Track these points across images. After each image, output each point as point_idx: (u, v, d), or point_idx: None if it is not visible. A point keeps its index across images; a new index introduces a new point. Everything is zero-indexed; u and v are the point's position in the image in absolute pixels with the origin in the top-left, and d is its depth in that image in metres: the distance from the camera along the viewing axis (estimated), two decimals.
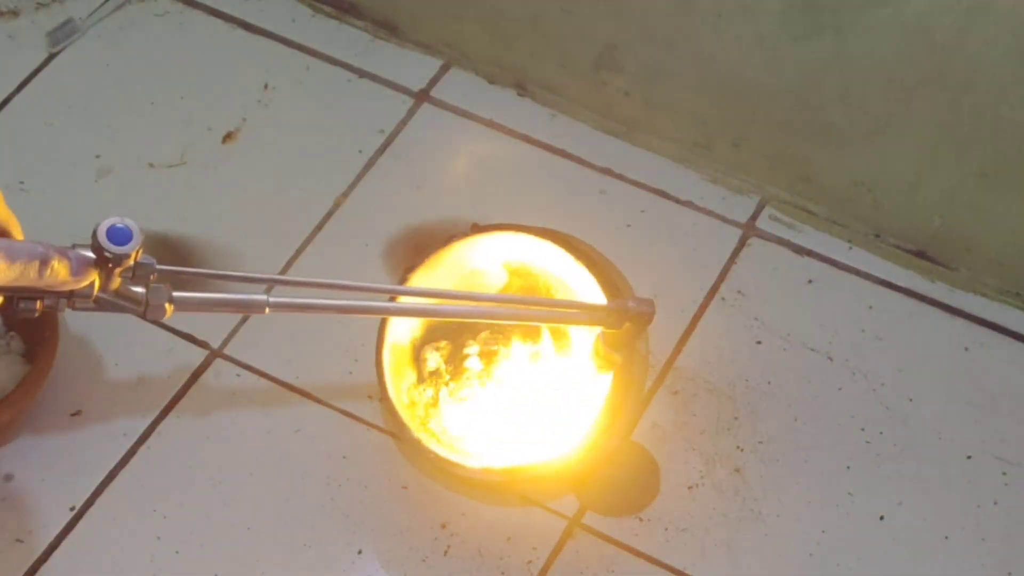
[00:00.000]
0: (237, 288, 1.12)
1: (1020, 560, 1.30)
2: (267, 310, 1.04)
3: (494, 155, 1.57)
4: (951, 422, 1.38)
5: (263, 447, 1.37)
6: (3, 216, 0.94)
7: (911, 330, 1.45)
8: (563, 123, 1.59)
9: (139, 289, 0.99)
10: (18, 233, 0.95)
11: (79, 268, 0.93)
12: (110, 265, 0.93)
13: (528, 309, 1.17)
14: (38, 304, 0.94)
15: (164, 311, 1.00)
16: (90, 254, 0.93)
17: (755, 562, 1.30)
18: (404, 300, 1.20)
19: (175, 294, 1.00)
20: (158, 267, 0.97)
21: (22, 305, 0.94)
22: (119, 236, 0.93)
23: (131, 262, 0.94)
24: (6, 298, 0.94)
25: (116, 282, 0.96)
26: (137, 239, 0.93)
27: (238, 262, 1.48)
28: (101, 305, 0.97)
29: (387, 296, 1.19)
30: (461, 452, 1.27)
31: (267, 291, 1.11)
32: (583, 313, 1.17)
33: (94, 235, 0.93)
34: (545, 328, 1.30)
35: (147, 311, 0.99)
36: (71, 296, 0.95)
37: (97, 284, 0.94)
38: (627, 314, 1.15)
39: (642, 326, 1.16)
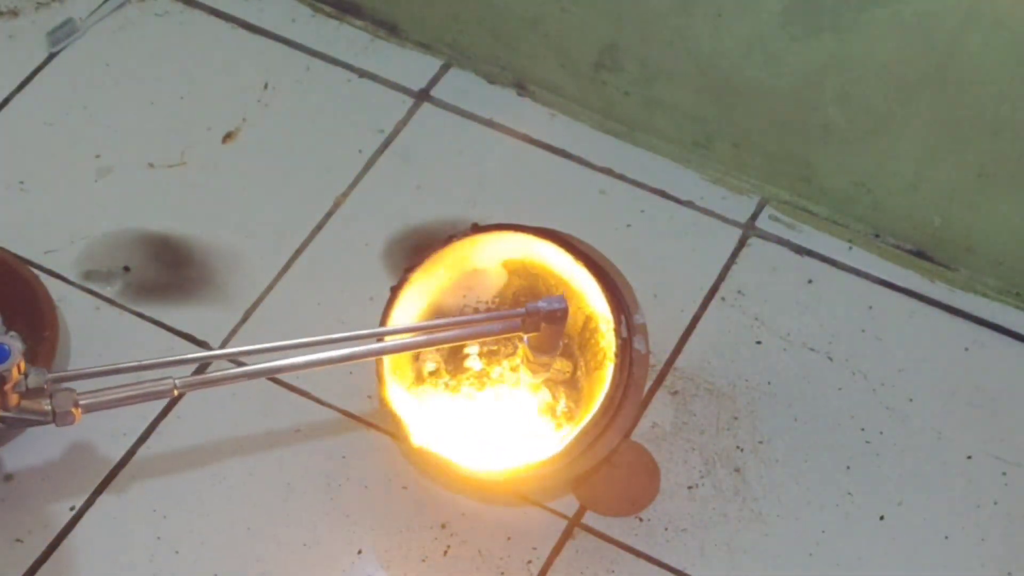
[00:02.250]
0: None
1: (1020, 560, 1.30)
2: (175, 392, 1.05)
3: (494, 155, 1.57)
4: (951, 422, 1.38)
5: (263, 447, 1.37)
6: None
7: (911, 330, 1.45)
8: (563, 123, 1.59)
9: (44, 399, 1.00)
10: None
11: None
12: None
13: (445, 332, 1.17)
14: None
15: (72, 416, 1.02)
16: None
17: (755, 562, 1.30)
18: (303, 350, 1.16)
19: (81, 399, 1.01)
20: (49, 375, 0.99)
21: None
22: None
23: (17, 377, 0.96)
24: None
25: (14, 399, 0.98)
26: (15, 355, 0.95)
27: (238, 262, 1.48)
28: (9, 423, 0.99)
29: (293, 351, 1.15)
30: (461, 452, 1.26)
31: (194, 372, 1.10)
32: (500, 324, 1.17)
33: None
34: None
35: (56, 419, 1.01)
36: None
37: None
38: (540, 315, 1.15)
39: (559, 324, 1.17)
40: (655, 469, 1.34)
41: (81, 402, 1.02)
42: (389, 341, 1.15)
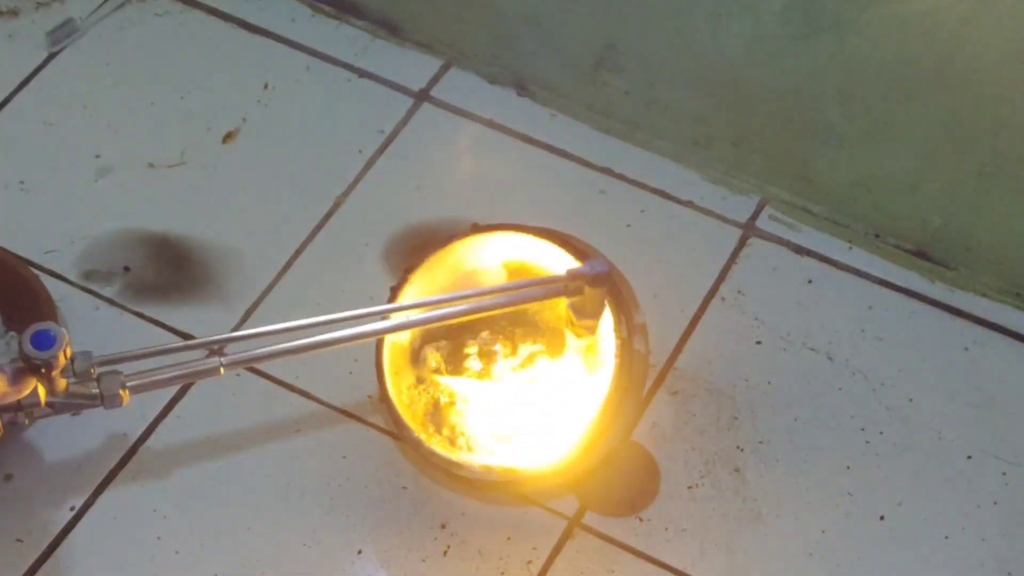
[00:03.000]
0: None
1: (1020, 560, 1.30)
2: (222, 371, 1.05)
3: (494, 155, 1.57)
4: (951, 422, 1.38)
5: (263, 447, 1.37)
6: None
7: (911, 330, 1.45)
8: (563, 123, 1.59)
9: (91, 383, 1.01)
10: None
11: (15, 378, 0.96)
12: (43, 370, 0.96)
13: (488, 299, 1.18)
14: None
15: (120, 398, 1.02)
16: (22, 364, 0.95)
17: (755, 562, 1.30)
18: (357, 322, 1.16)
19: (128, 381, 1.01)
20: (95, 357, 0.99)
21: None
22: (43, 341, 0.96)
23: (64, 362, 0.96)
24: None
25: (62, 384, 0.99)
26: (60, 341, 0.96)
27: (238, 262, 1.48)
28: (58, 408, 1.00)
29: (340, 324, 1.15)
30: (461, 452, 1.27)
31: (216, 353, 1.12)
32: (543, 289, 1.18)
33: (20, 345, 0.95)
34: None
35: (104, 402, 1.01)
36: (21, 408, 0.97)
37: (43, 390, 0.96)
38: (584, 279, 1.16)
39: (601, 286, 1.18)
40: (655, 469, 1.34)
41: (128, 384, 1.01)
42: (426, 313, 1.15)
